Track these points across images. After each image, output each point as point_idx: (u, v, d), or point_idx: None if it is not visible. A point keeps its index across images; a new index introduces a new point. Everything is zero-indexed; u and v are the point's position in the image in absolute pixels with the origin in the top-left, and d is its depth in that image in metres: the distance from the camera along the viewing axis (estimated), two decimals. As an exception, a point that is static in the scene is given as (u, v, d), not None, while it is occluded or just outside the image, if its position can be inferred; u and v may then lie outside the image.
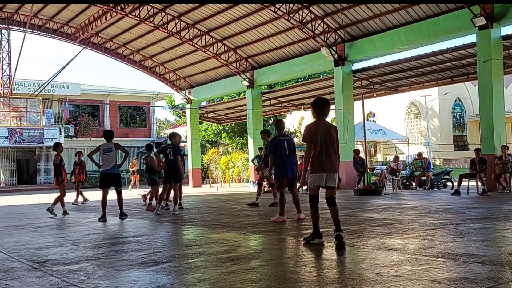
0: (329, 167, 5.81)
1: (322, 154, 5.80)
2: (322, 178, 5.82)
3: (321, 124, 5.91)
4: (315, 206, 5.93)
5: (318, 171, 5.81)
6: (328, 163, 5.81)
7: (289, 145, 8.83)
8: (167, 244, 6.75)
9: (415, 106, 37.99)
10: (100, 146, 10.31)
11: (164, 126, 59.96)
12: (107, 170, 10.13)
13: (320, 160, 5.80)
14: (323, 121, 5.96)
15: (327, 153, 5.81)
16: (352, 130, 20.59)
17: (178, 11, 23.15)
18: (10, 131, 32.58)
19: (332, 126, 6.00)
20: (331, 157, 5.83)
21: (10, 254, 6.08)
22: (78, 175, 16.86)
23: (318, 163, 5.81)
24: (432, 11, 17.29)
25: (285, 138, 8.94)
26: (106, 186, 10.23)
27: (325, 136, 5.82)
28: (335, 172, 5.87)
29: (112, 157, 10.13)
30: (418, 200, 13.13)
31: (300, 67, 23.08)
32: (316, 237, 5.95)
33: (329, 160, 5.81)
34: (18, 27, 27.04)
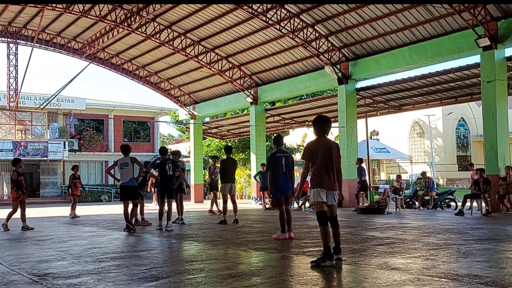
0: (328, 186, 5.81)
1: (322, 171, 5.80)
2: (323, 194, 5.79)
3: (322, 142, 5.93)
4: (324, 223, 5.74)
5: (318, 186, 5.80)
6: (328, 181, 5.81)
7: (287, 161, 8.69)
8: (168, 259, 6.73)
9: (418, 125, 37.99)
10: (117, 161, 10.74)
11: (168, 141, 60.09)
12: (125, 183, 10.60)
13: (320, 177, 5.80)
14: (325, 139, 5.97)
15: (327, 171, 5.82)
16: (356, 148, 20.58)
17: (184, 28, 23.36)
18: (15, 144, 32.68)
19: (334, 144, 6.02)
20: (330, 175, 5.84)
21: (11, 267, 6.07)
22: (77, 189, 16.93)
23: (318, 180, 5.80)
24: (436, 32, 17.39)
25: (284, 155, 8.78)
26: (126, 198, 10.66)
27: (326, 154, 5.84)
28: (334, 191, 5.87)
29: (129, 171, 10.60)
30: (421, 219, 13.07)
31: (304, 85, 23.17)
32: (328, 259, 5.66)
33: (328, 178, 5.82)
34: (26, 41, 27.31)
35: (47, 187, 36.83)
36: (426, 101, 23.06)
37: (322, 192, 5.78)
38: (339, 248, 5.95)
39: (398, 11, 17.33)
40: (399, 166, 35.32)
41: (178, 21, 22.77)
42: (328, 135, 6.06)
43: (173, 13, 22.10)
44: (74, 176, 17.02)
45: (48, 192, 36.61)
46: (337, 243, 5.93)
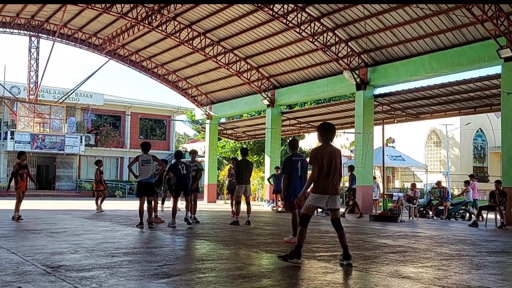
0: (331, 190, 6.03)
1: (326, 177, 6.01)
2: (323, 200, 6.03)
3: (326, 148, 6.13)
4: (305, 224, 6.05)
5: (321, 192, 6.02)
6: (331, 186, 6.03)
7: (303, 165, 8.72)
8: (180, 257, 6.77)
9: (435, 134, 37.65)
10: (138, 157, 10.85)
11: (183, 140, 60.35)
12: (145, 179, 10.74)
13: (324, 182, 6.01)
14: (329, 146, 6.18)
15: (331, 176, 6.02)
16: (371, 155, 20.47)
17: (204, 27, 23.47)
18: (33, 137, 33.13)
19: (337, 151, 6.23)
20: (334, 180, 6.05)
21: (25, 258, 6.15)
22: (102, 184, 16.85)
23: (322, 185, 6.01)
24: (458, 40, 17.25)
25: (299, 158, 8.80)
26: (143, 194, 10.81)
27: (330, 160, 6.04)
28: (337, 195, 6.10)
29: (150, 168, 10.81)
30: (434, 229, 12.95)
31: (321, 89, 23.12)
32: (296, 257, 5.95)
33: (332, 183, 6.03)
34: (47, 35, 27.64)
35: (63, 180, 37.24)
36: (444, 110, 22.85)
37: (323, 199, 6.02)
38: (348, 253, 6.08)
39: (419, 18, 17.22)
40: (414, 175, 35.01)
41: (198, 20, 22.89)
42: (332, 142, 6.27)
43: (194, 12, 22.21)
44: (101, 171, 16.88)
45: (63, 186, 37.02)
46: (345, 248, 6.08)
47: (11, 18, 25.81)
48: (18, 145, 33.13)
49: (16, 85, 34.48)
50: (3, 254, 6.43)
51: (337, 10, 18.70)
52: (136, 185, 11.20)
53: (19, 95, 32.90)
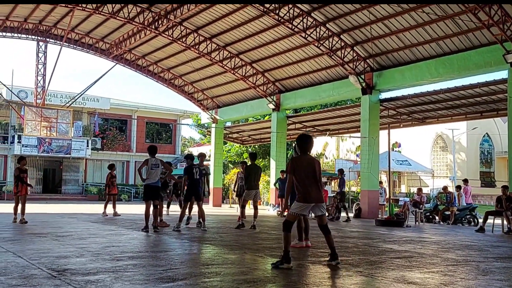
0: (315, 198, 6.25)
1: (307, 186, 6.24)
2: (307, 208, 6.34)
3: (305, 159, 6.40)
4: (289, 230, 6.22)
5: (303, 201, 6.24)
6: (315, 195, 6.25)
7: None
8: (185, 262, 6.78)
9: (442, 139, 37.52)
10: (148, 160, 10.82)
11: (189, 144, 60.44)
12: (152, 183, 10.73)
13: (307, 191, 6.23)
14: (307, 156, 6.46)
15: (311, 185, 6.25)
16: (377, 160, 20.43)
17: (210, 32, 23.55)
18: (40, 141, 33.30)
19: (316, 161, 6.53)
20: (316, 188, 6.27)
21: (31, 261, 6.18)
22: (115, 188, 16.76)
23: (304, 194, 6.23)
24: (464, 45, 17.21)
25: None
26: (149, 198, 10.79)
27: (309, 170, 6.29)
28: (321, 202, 6.33)
29: (158, 172, 10.82)
30: (440, 234, 12.90)
31: (327, 93, 23.11)
32: (285, 262, 6.08)
33: (315, 191, 6.26)
34: (55, 40, 27.83)
35: (69, 184, 37.38)
36: (450, 114, 22.79)
37: (307, 207, 6.29)
38: (335, 253, 6.37)
39: (425, 23, 17.20)
40: (420, 179, 34.89)
41: (205, 25, 22.97)
42: (310, 153, 6.61)
43: (200, 17, 22.30)
44: (112, 175, 16.72)
45: (69, 189, 37.16)
46: (332, 249, 6.37)
47: (19, 23, 26.01)
48: (25, 149, 33.32)
49: (24, 90, 34.70)
50: (9, 258, 6.46)
51: (342, 15, 18.72)
52: (143, 188, 11.22)
53: (26, 99, 33.10)
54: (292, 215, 6.32)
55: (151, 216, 10.80)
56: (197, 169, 11.34)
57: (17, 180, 12.47)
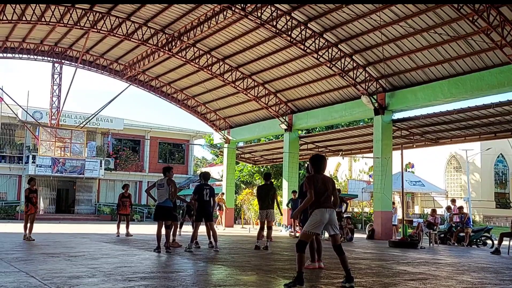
0: (329, 217, 6.25)
1: (321, 203, 6.27)
2: (321, 227, 6.31)
3: (320, 177, 6.48)
4: (302, 251, 6.17)
5: (319, 219, 6.22)
6: (329, 212, 6.25)
7: None
8: (196, 282, 6.75)
9: (455, 160, 37.19)
10: (157, 181, 11.03)
11: (201, 164, 60.57)
12: (160, 203, 10.80)
13: (320, 209, 6.24)
14: (321, 175, 6.54)
15: (326, 202, 6.29)
16: (390, 180, 20.28)
17: (223, 53, 23.78)
18: (54, 161, 33.60)
19: (330, 179, 6.60)
20: (330, 206, 6.31)
21: (43, 281, 6.19)
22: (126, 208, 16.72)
23: (320, 213, 6.23)
24: (477, 66, 17.17)
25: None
26: (160, 218, 10.79)
27: (324, 188, 6.35)
28: (335, 221, 6.34)
29: (164, 192, 10.76)
30: (455, 256, 12.70)
31: (339, 114, 23.11)
32: (298, 283, 5.99)
33: (329, 209, 6.28)
34: (70, 61, 28.28)
35: (82, 204, 37.54)
36: (464, 135, 22.62)
37: (321, 225, 6.26)
38: (350, 276, 6.22)
39: (437, 44, 17.22)
40: (434, 200, 34.52)
41: (217, 47, 23.21)
42: (324, 172, 6.68)
43: (213, 39, 22.55)
44: (123, 195, 16.82)
45: (82, 209, 37.30)
46: (347, 271, 6.23)
47: (35, 45, 26.51)
48: (40, 169, 33.61)
49: (39, 110, 35.19)
50: (21, 277, 6.49)
51: (354, 36, 18.82)
52: (154, 209, 11.24)
53: (41, 120, 33.55)
54: (306, 234, 6.28)
55: (163, 236, 10.79)
56: (208, 189, 11.32)
57: (26, 200, 13.65)
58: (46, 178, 35.30)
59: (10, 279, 6.30)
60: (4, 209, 33.44)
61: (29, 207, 13.55)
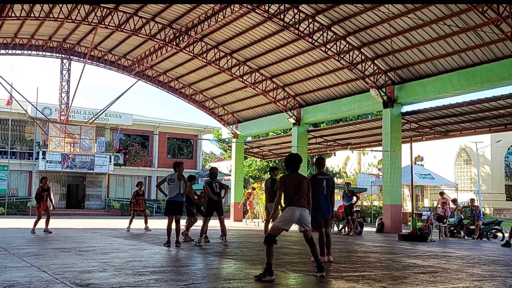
0: (300, 215, 6.51)
1: (293, 202, 6.50)
2: (290, 224, 6.56)
3: (294, 176, 6.70)
4: (271, 243, 6.47)
5: (289, 217, 6.49)
6: (300, 211, 6.50)
7: (328, 184, 8.70)
8: (206, 276, 6.77)
9: (465, 152, 36.96)
10: (167, 176, 11.14)
11: (210, 159, 60.66)
12: (172, 198, 10.86)
13: (292, 207, 6.49)
14: (296, 174, 6.75)
15: (298, 201, 6.51)
16: (399, 173, 20.18)
17: (230, 48, 23.75)
18: (63, 156, 33.81)
19: (304, 178, 6.78)
20: (302, 205, 6.54)
21: (55, 276, 6.24)
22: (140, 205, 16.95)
23: (291, 210, 6.49)
24: (487, 57, 17.02)
25: (325, 177, 8.76)
26: (171, 213, 10.87)
27: (297, 187, 6.56)
28: (306, 217, 6.60)
29: (175, 187, 10.80)
30: (465, 249, 12.64)
31: (348, 107, 23.02)
32: (268, 274, 6.25)
33: (300, 207, 6.51)
34: (78, 57, 28.40)
35: (92, 199, 37.77)
36: (474, 127, 22.45)
37: (290, 222, 6.53)
38: (321, 266, 6.68)
39: (447, 35, 17.08)
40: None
41: (225, 41, 23.18)
42: (299, 170, 6.84)
43: (221, 33, 22.52)
44: (138, 193, 17.06)
45: (92, 204, 37.54)
46: (318, 261, 6.71)
47: (44, 42, 26.62)
48: (50, 165, 33.84)
49: (48, 106, 35.39)
50: (33, 272, 6.54)
51: (363, 28, 18.71)
52: (165, 203, 11.31)
53: (50, 116, 33.75)
54: (274, 228, 6.57)
55: (174, 231, 10.83)
56: (217, 183, 11.37)
57: (37, 198, 14.65)
58: (56, 174, 35.55)
59: (22, 274, 6.36)
60: (15, 205, 33.72)
61: (40, 204, 14.54)
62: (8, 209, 32.16)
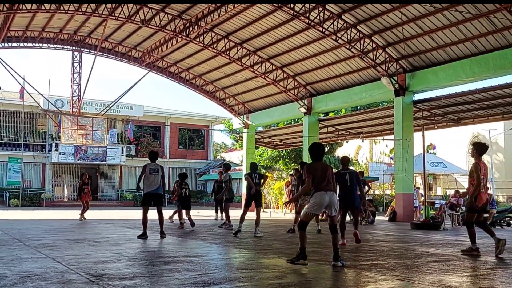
0: (330, 199, 6.66)
1: (322, 187, 6.66)
2: (321, 208, 6.79)
3: (319, 165, 6.88)
4: (304, 229, 6.66)
5: (319, 201, 6.64)
6: (329, 195, 6.66)
7: (351, 177, 9.77)
8: (219, 266, 6.81)
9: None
10: (146, 165, 10.45)
11: (221, 149, 60.79)
12: (153, 190, 10.25)
13: (321, 192, 6.65)
14: (320, 163, 6.92)
15: (326, 186, 6.68)
16: (411, 162, 20.09)
17: (240, 38, 23.68)
18: (76, 148, 34.08)
19: (329, 166, 7.01)
20: (331, 189, 6.71)
21: (70, 266, 6.32)
22: None
23: (320, 195, 6.64)
24: (499, 44, 16.79)
25: (347, 171, 9.90)
26: (148, 204, 10.37)
27: (323, 174, 6.72)
28: (334, 203, 6.73)
29: (158, 178, 10.32)
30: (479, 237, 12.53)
31: (359, 96, 22.90)
32: (302, 258, 6.53)
33: (329, 191, 6.68)
34: (89, 49, 28.50)
35: (105, 190, 38.09)
36: (487, 115, 22.23)
37: (321, 207, 6.73)
38: (337, 254, 6.67)
39: (459, 22, 16.87)
40: (456, 182, 34.14)
41: (235, 31, 23.11)
42: (322, 160, 7.07)
43: (231, 23, 22.45)
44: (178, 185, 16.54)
45: (105, 196, 37.86)
46: (336, 250, 6.69)
47: (55, 34, 26.75)
48: (62, 157, 34.14)
49: (60, 99, 35.63)
50: (48, 263, 6.63)
51: (373, 16, 18.54)
52: (142, 196, 10.59)
53: (63, 108, 33.98)
54: (306, 214, 6.75)
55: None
56: (256, 174, 11.61)
57: (79, 191, 17.88)
58: (69, 166, 35.88)
59: (38, 265, 6.45)
60: (29, 197, 34.12)
61: (81, 196, 17.26)
62: (22, 201, 32.56)
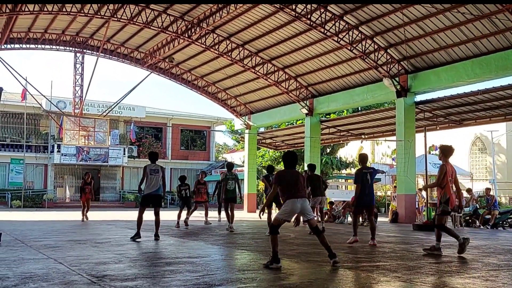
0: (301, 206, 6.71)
1: (293, 194, 6.69)
2: (292, 215, 6.88)
3: (289, 172, 6.91)
4: (275, 232, 6.71)
5: (290, 209, 6.70)
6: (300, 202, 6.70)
7: (371, 177, 9.98)
8: (221, 267, 6.82)
9: (480, 141, 36.56)
10: (146, 166, 10.44)
11: (223, 150, 60.80)
12: (153, 191, 10.20)
13: (292, 200, 6.67)
14: (291, 170, 6.94)
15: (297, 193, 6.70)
16: (413, 163, 20.06)
17: (242, 39, 23.70)
18: (78, 149, 34.13)
19: (300, 174, 7.07)
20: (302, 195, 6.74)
21: (71, 268, 6.33)
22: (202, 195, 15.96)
23: (291, 202, 6.68)
24: (501, 45, 16.76)
25: (368, 171, 10.06)
26: (147, 205, 10.33)
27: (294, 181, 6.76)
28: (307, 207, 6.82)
29: (158, 178, 10.29)
30: (481, 238, 12.55)
31: (361, 97, 22.89)
32: (274, 262, 6.53)
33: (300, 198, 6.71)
34: (91, 51, 28.54)
35: (107, 191, 38.14)
36: (489, 116, 22.20)
37: (292, 214, 6.84)
38: (331, 252, 6.79)
39: (460, 23, 16.85)
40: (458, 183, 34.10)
41: (236, 32, 23.13)
42: (295, 168, 7.09)
43: (232, 24, 22.47)
44: (199, 182, 16.13)
45: (107, 197, 37.91)
46: (328, 248, 6.79)
47: (57, 35, 26.79)
48: (64, 158, 34.19)
49: (62, 100, 35.71)
50: (50, 264, 6.64)
51: (375, 17, 18.54)
52: (141, 197, 10.61)
53: (65, 109, 34.06)
54: (277, 220, 6.77)
55: None
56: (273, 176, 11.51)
57: (81, 190, 17.68)
58: (71, 167, 35.94)
59: (40, 266, 6.46)
60: (31, 198, 34.17)
61: (82, 195, 17.45)
62: (25, 202, 32.60)
